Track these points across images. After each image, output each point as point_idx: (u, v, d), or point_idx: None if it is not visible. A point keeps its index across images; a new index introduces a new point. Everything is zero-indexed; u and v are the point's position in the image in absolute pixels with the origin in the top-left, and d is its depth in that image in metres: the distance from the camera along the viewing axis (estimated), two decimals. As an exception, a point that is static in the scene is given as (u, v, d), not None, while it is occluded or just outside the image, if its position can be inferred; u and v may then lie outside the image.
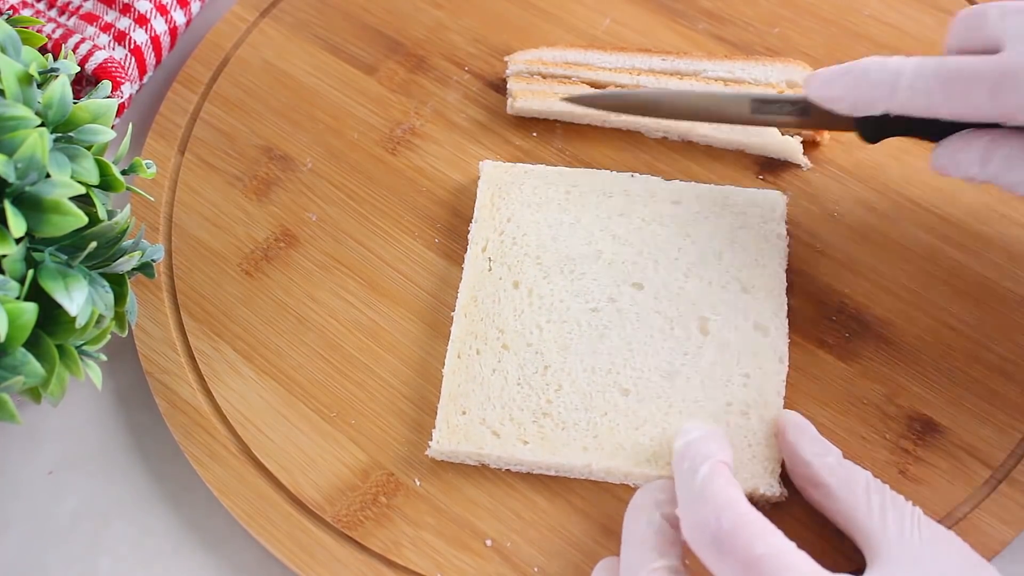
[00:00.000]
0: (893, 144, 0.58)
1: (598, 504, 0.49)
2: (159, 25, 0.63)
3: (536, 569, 0.48)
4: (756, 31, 0.63)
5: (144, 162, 0.50)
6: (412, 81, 0.63)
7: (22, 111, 0.43)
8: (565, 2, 0.65)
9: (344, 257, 0.57)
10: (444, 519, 0.49)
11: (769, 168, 0.58)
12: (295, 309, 0.55)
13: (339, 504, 0.50)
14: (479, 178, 0.57)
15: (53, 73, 0.47)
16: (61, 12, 0.65)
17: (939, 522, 0.48)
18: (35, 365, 0.43)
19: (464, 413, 0.50)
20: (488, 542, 0.49)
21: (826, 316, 0.53)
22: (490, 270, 0.53)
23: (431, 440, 0.50)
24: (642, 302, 0.52)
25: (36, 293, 0.43)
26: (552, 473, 0.50)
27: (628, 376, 0.50)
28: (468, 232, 0.56)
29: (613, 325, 0.52)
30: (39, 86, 0.46)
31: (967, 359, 0.52)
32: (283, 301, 0.56)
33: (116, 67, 0.61)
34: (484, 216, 0.55)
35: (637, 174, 0.56)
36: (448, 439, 0.49)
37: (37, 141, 0.42)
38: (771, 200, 0.55)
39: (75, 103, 0.47)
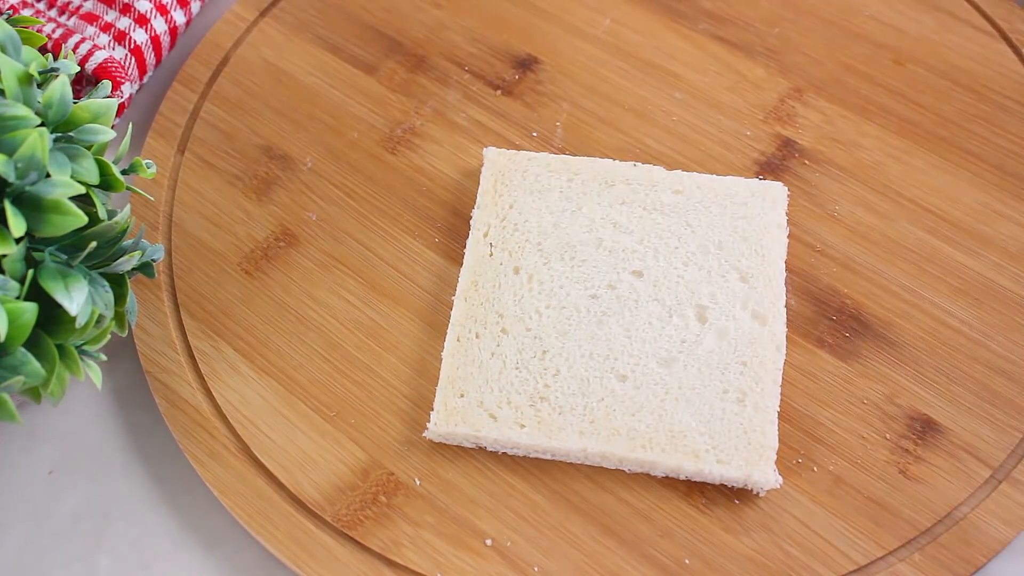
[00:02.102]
0: (893, 144, 0.58)
1: (598, 504, 0.49)
2: (159, 25, 0.63)
3: (536, 568, 0.48)
4: (756, 31, 0.63)
5: (144, 162, 0.50)
6: (412, 81, 0.63)
7: (22, 111, 0.43)
8: (565, 2, 0.65)
9: (344, 256, 0.57)
10: (444, 518, 0.49)
11: (769, 169, 0.58)
12: (295, 308, 0.55)
13: (339, 503, 0.50)
14: (482, 165, 0.57)
15: (53, 73, 0.47)
16: (61, 12, 0.65)
17: (940, 522, 0.48)
18: (35, 365, 0.42)
19: (462, 396, 0.50)
20: (488, 541, 0.48)
21: (826, 316, 0.53)
22: (491, 255, 0.54)
23: (429, 422, 0.50)
24: (641, 290, 0.52)
25: (36, 293, 0.43)
26: (548, 457, 0.50)
27: (626, 362, 0.51)
28: (468, 232, 0.56)
29: (612, 312, 0.52)
30: (39, 86, 0.46)
31: (967, 359, 0.52)
32: (283, 300, 0.56)
33: (116, 67, 0.61)
34: (486, 202, 0.55)
35: (639, 163, 0.56)
36: (445, 421, 0.50)
37: (37, 141, 0.42)
38: (772, 191, 0.55)
39: (75, 103, 0.47)
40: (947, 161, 0.58)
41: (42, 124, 0.44)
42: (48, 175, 0.43)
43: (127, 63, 0.62)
